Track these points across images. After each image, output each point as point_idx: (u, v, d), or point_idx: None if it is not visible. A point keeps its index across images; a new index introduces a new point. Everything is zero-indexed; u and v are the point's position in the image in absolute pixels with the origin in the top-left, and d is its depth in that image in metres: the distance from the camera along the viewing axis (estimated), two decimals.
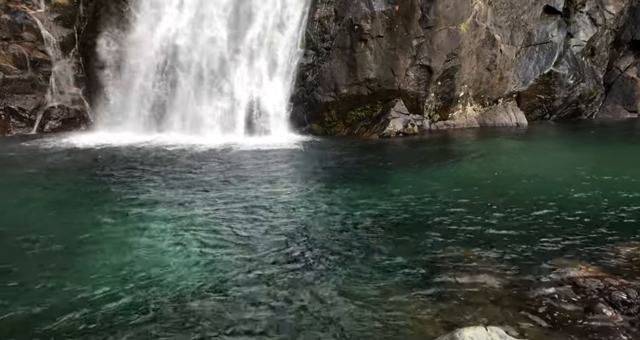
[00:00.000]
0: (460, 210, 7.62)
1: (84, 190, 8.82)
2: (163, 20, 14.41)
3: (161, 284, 5.21)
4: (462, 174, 10.34)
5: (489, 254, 5.95)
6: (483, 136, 15.79)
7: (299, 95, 15.41)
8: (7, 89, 15.01)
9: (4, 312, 4.62)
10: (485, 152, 12.71)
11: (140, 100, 14.85)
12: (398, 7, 15.22)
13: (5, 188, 9.09)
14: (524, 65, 18.69)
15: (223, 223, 7.04)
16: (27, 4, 15.11)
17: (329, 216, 7.40)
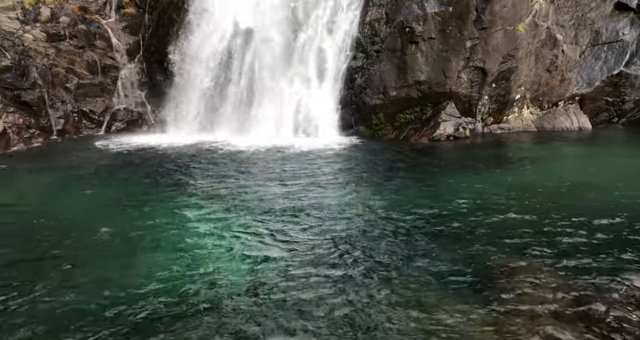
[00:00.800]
0: (515, 218, 7.33)
1: (142, 188, 9.40)
2: (218, 26, 15.11)
3: (207, 282, 5.32)
4: (517, 180, 9.93)
5: (547, 264, 5.62)
6: (541, 141, 15.17)
7: (347, 98, 15.58)
8: (80, 92, 16.35)
9: (57, 301, 4.94)
10: (543, 158, 12.22)
11: (195, 102, 15.68)
12: (452, 8, 15.04)
13: (76, 184, 9.86)
14: (589, 66, 17.81)
15: (272, 225, 7.17)
16: (100, 14, 16.42)
17: (377, 220, 7.36)
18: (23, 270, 5.66)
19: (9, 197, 8.87)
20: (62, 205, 8.22)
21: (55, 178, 10.21)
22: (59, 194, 8.95)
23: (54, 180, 10.04)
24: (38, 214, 7.67)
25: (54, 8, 16.02)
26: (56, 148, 14.03)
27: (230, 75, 15.41)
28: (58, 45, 16.02)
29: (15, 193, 9.12)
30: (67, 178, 10.23)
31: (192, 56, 15.64)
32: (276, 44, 14.91)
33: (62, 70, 16.12)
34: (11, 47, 15.58)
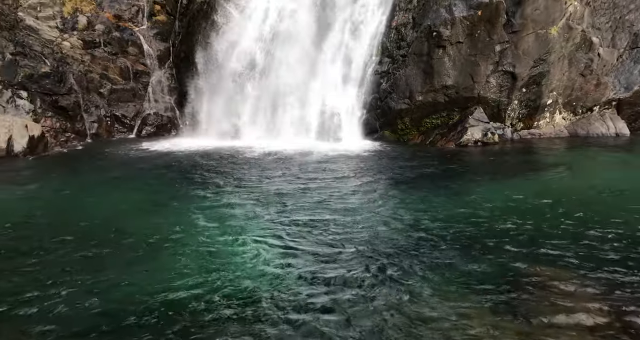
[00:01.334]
0: (548, 226, 7.04)
1: (169, 191, 9.57)
2: (246, 33, 15.38)
3: (231, 288, 5.27)
4: (550, 187, 9.60)
5: (583, 276, 5.35)
6: (574, 147, 14.69)
7: (372, 103, 15.51)
8: (113, 98, 16.87)
9: (81, 304, 4.99)
10: (578, 165, 11.86)
11: (222, 107, 15.94)
12: (481, 12, 14.80)
13: (107, 186, 10.15)
14: (627, 70, 17.19)
15: (296, 231, 7.12)
16: (133, 22, 16.95)
17: (403, 227, 7.22)
18: (47, 272, 5.78)
19: (44, 198, 9.20)
20: (92, 207, 8.45)
21: (88, 181, 10.55)
22: (90, 197, 9.20)
23: (87, 182, 10.38)
24: (69, 216, 7.92)
25: (90, 17, 16.62)
26: (90, 151, 14.49)
27: (256, 81, 15.60)
28: (93, 52, 16.61)
29: (51, 194, 9.45)
30: (100, 181, 10.54)
31: (220, 62, 15.90)
32: (302, 49, 15.03)
33: (96, 76, 16.69)
34: (50, 54, 16.24)
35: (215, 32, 15.99)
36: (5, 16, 15.71)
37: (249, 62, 15.57)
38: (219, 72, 15.96)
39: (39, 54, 16.19)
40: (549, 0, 15.29)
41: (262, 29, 15.40)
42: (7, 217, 7.79)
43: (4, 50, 15.38)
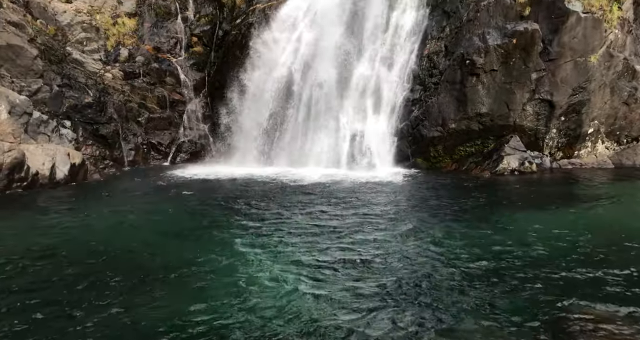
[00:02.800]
0: (589, 262, 6.65)
1: (202, 217, 9.63)
2: (279, 62, 15.69)
3: (254, 318, 5.17)
4: (591, 220, 9.08)
5: (629, 315, 4.95)
6: (619, 178, 13.93)
7: (403, 130, 15.35)
8: (150, 126, 17.37)
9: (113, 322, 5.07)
10: (623, 197, 11.17)
11: (254, 134, 16.14)
12: (515, 40, 14.57)
13: (142, 212, 10.28)
14: None
15: (324, 261, 6.97)
16: (171, 53, 17.62)
17: (436, 260, 6.94)
18: (77, 295, 5.83)
19: (83, 225, 9.34)
20: (127, 235, 8.56)
21: (125, 208, 10.65)
22: (126, 224, 9.34)
23: (124, 210, 10.48)
24: (104, 243, 7.98)
25: (131, 49, 17.37)
26: (127, 178, 14.83)
27: (288, 108, 15.79)
28: (133, 82, 17.26)
29: (89, 222, 9.58)
30: (135, 208, 10.68)
31: (253, 90, 16.23)
32: (333, 77, 15.17)
33: (135, 105, 17.27)
34: (93, 85, 16.92)
35: (249, 63, 16.39)
36: (55, 51, 16.51)
37: (281, 91, 15.79)
38: (251, 101, 16.27)
39: (83, 85, 16.87)
40: (588, 28, 14.95)
41: (294, 59, 15.66)
42: (47, 245, 7.90)
43: (52, 83, 16.08)
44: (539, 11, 14.58)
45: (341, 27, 15.16)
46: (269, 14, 16.34)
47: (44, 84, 15.56)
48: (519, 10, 14.51)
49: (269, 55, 16.04)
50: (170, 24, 17.90)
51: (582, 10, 15.05)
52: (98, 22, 17.43)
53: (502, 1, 14.50)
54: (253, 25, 16.49)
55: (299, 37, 15.66)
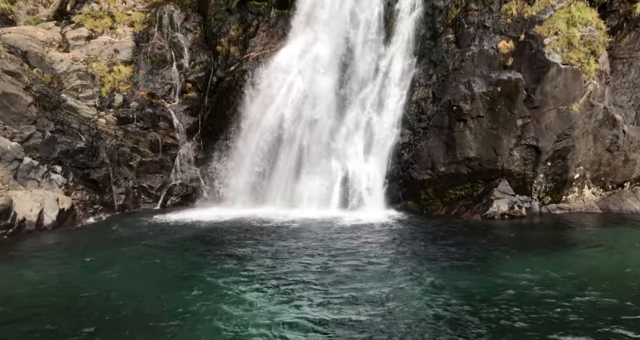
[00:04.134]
0: (583, 311, 6.64)
1: (189, 267, 9.52)
2: (272, 107, 16.13)
3: None
4: (582, 267, 9.15)
5: None
6: (607, 224, 13.98)
7: (394, 173, 15.57)
8: (142, 169, 17.41)
9: None
10: (610, 243, 11.28)
11: (246, 177, 16.30)
12: (500, 88, 15.12)
13: (129, 258, 10.20)
14: None
15: (311, 311, 6.94)
16: (165, 98, 17.99)
17: (425, 309, 6.91)
18: None
19: (67, 274, 9.21)
20: (114, 283, 8.46)
21: (111, 255, 10.56)
22: (112, 272, 9.25)
23: (110, 257, 10.39)
24: (89, 292, 7.90)
25: (126, 95, 17.72)
26: (116, 223, 14.68)
27: (280, 151, 16.04)
28: (126, 127, 17.46)
29: (74, 271, 9.47)
30: (122, 255, 10.60)
31: (245, 134, 16.56)
32: (325, 120, 15.60)
33: (127, 149, 17.38)
34: (86, 130, 17.04)
35: (242, 107, 16.81)
36: (50, 98, 16.75)
37: (273, 135, 16.11)
38: (244, 144, 16.55)
39: (76, 130, 16.98)
40: (568, 79, 15.58)
41: (286, 103, 16.09)
42: (29, 296, 7.77)
43: (45, 129, 16.16)
44: (521, 61, 15.25)
45: (333, 74, 15.81)
46: (262, 61, 16.94)
47: (36, 130, 15.63)
48: (502, 60, 15.18)
49: (261, 100, 16.48)
50: (165, 71, 18.37)
51: (561, 62, 15.75)
52: (94, 70, 17.84)
53: (485, 52, 15.21)
54: (247, 72, 17.04)
55: (291, 83, 16.15)
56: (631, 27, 16.49)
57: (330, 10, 16.14)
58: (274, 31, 17.51)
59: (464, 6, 15.45)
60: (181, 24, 19.00)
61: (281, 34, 17.35)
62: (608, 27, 16.02)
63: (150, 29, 18.51)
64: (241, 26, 18.10)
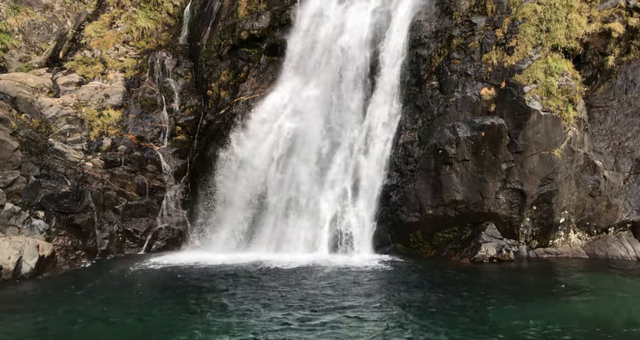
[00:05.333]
0: None
1: (168, 320, 9.25)
2: (260, 149, 16.30)
3: None
4: (571, 314, 9.24)
5: None
6: (593, 269, 14.04)
7: (382, 215, 15.59)
8: (127, 213, 17.17)
9: None
10: (598, 289, 11.33)
11: (233, 221, 16.20)
12: (484, 133, 15.53)
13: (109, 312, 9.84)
14: (635, 193, 17.21)
15: None
16: (154, 142, 18.08)
17: None
18: None
19: (42, 324, 8.96)
20: (89, 334, 8.30)
21: (88, 306, 10.28)
22: (88, 323, 9.03)
23: (87, 308, 10.12)
24: None
25: (114, 138, 17.77)
26: (97, 270, 14.33)
27: (268, 194, 16.05)
28: (113, 170, 17.36)
29: (48, 324, 9.16)
30: (100, 302, 10.37)
31: (233, 176, 16.58)
32: (313, 163, 15.76)
33: (113, 193, 17.21)
34: (72, 174, 16.92)
35: (231, 150, 16.96)
36: (37, 143, 16.74)
37: (261, 178, 16.18)
38: (232, 187, 16.54)
39: (61, 174, 16.84)
40: (549, 125, 16.08)
41: (275, 146, 16.26)
42: None
43: (29, 173, 16.00)
44: (503, 108, 15.76)
45: (321, 118, 16.14)
46: (252, 105, 17.30)
47: (21, 175, 15.49)
48: (485, 106, 15.67)
49: (250, 143, 16.65)
50: (155, 114, 18.56)
51: (541, 109, 16.29)
52: (83, 115, 17.97)
53: (469, 98, 15.72)
54: (236, 115, 17.34)
55: (280, 127, 16.41)
56: (604, 78, 17.27)
57: (319, 58, 16.75)
58: (264, 76, 17.98)
59: (447, 55, 16.12)
60: (172, 70, 19.45)
61: (271, 79, 17.78)
62: (583, 77, 16.74)
63: (141, 75, 18.87)
64: (232, 71, 18.56)
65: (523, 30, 15.81)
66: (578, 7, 16.07)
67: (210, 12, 20.13)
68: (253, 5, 18.80)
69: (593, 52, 16.69)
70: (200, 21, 20.67)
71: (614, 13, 16.19)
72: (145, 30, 20.13)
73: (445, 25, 16.47)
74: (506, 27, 15.95)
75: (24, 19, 19.83)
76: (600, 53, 16.78)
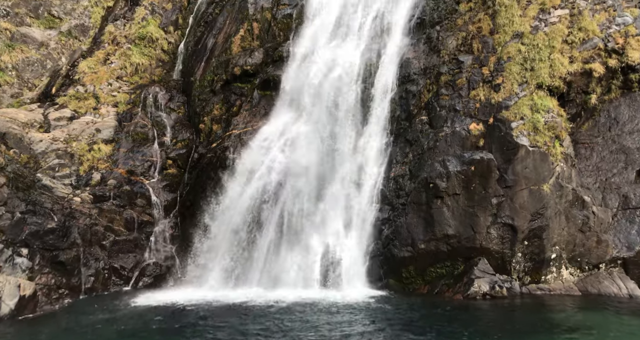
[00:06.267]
0: None
1: None
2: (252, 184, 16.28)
3: None
4: None
5: None
6: (586, 307, 13.95)
7: (375, 249, 15.46)
8: (115, 249, 16.82)
9: None
10: (592, 327, 11.25)
11: (224, 255, 15.93)
12: (474, 167, 15.67)
13: None
14: (624, 229, 17.26)
15: None
16: (145, 175, 17.97)
17: None
18: None
19: None
20: None
21: None
22: None
23: None
24: None
25: (104, 173, 17.62)
26: (80, 310, 13.93)
27: (260, 229, 15.88)
28: (102, 205, 17.11)
29: None
30: None
31: (224, 210, 16.45)
32: (305, 196, 15.72)
33: (101, 228, 16.90)
34: (59, 210, 16.63)
35: (222, 183, 16.90)
36: (24, 178, 16.56)
37: (252, 212, 16.05)
38: (222, 220, 16.36)
39: (48, 210, 16.55)
40: (537, 160, 16.29)
41: (267, 180, 16.25)
42: None
43: (15, 210, 15.70)
44: (492, 143, 15.98)
45: (313, 151, 16.21)
46: (244, 138, 17.36)
47: (6, 211, 15.23)
48: (474, 141, 15.89)
49: (242, 176, 16.61)
50: (146, 148, 18.51)
51: (529, 144, 16.55)
52: (73, 149, 17.90)
53: (458, 133, 15.97)
54: (228, 149, 17.35)
55: (272, 160, 16.42)
56: (588, 115, 17.71)
57: (311, 93, 17.01)
58: (257, 110, 18.18)
59: (435, 91, 16.50)
60: (165, 104, 19.59)
61: (263, 113, 17.99)
62: (568, 114, 17.14)
63: (134, 109, 18.97)
64: (224, 106, 18.78)
65: (508, 68, 16.30)
66: (560, 48, 16.63)
67: (204, 49, 20.52)
68: (247, 42, 19.29)
69: (576, 90, 17.17)
70: (194, 57, 21.01)
71: (594, 54, 16.78)
72: (139, 66, 20.40)
73: (433, 62, 16.96)
74: (492, 65, 16.45)
75: (19, 56, 20.01)
76: (583, 91, 17.26)
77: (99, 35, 21.31)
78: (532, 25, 17.00)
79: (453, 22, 17.45)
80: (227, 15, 20.87)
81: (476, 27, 17.05)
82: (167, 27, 22.07)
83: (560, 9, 17.43)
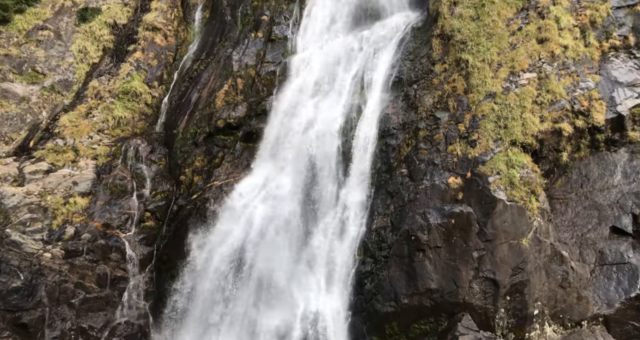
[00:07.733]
0: None
1: None
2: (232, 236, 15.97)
3: None
4: None
5: None
6: None
7: (357, 304, 15.02)
8: (84, 307, 16.04)
9: None
10: None
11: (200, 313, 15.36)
12: (454, 220, 15.76)
13: None
14: (603, 285, 17.27)
15: None
16: (121, 229, 17.51)
17: None
18: None
19: None
20: None
21: None
22: None
23: None
24: None
25: (78, 226, 17.13)
26: None
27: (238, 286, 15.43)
28: (73, 261, 16.50)
29: None
30: None
31: (202, 263, 16.00)
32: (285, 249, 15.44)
33: (71, 285, 16.17)
34: (27, 267, 15.99)
35: (201, 235, 16.60)
36: None
37: (231, 265, 15.63)
38: (200, 275, 15.89)
39: (14, 268, 15.94)
40: (515, 214, 16.48)
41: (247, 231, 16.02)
42: None
43: None
44: (471, 196, 16.20)
45: (295, 203, 16.15)
46: (225, 190, 17.26)
47: None
48: (453, 194, 16.10)
49: (222, 227, 16.35)
50: (124, 200, 18.19)
51: (506, 198, 16.87)
52: (47, 203, 17.48)
53: (437, 186, 16.19)
54: (209, 200, 17.17)
55: (253, 212, 16.31)
56: (561, 172, 18.25)
57: (293, 146, 17.24)
58: (239, 162, 18.22)
59: (414, 145, 16.88)
60: (146, 156, 19.48)
61: (245, 164, 18.03)
62: (542, 170, 17.62)
63: (114, 161, 18.79)
64: (206, 157, 18.82)
65: (483, 125, 16.90)
66: (530, 108, 17.39)
67: (188, 103, 20.86)
68: (230, 97, 19.72)
69: (548, 148, 17.77)
70: (178, 111, 21.29)
71: (562, 115, 17.57)
72: (121, 119, 20.42)
73: (411, 118, 17.51)
74: (468, 122, 17.04)
75: None
76: (555, 149, 17.87)
77: (82, 89, 21.45)
78: (503, 86, 17.86)
79: (429, 82, 18.26)
80: (211, 71, 21.47)
81: (451, 87, 17.83)
82: (151, 82, 22.42)
83: (529, 72, 18.42)
